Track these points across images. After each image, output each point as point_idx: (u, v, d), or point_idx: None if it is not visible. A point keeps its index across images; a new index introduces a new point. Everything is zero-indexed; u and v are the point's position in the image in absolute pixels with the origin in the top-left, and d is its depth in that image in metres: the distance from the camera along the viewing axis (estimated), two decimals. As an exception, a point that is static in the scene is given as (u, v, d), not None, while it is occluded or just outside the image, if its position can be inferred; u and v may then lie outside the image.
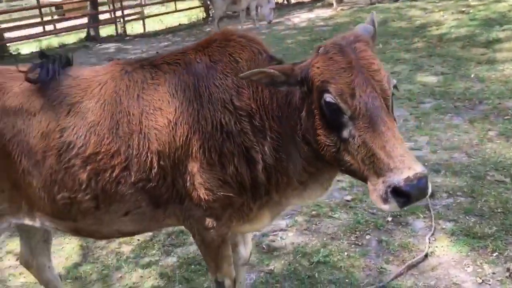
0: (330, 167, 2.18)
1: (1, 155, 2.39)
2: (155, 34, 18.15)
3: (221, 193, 2.33)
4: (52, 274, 3.23)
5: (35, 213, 2.53)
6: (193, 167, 2.30)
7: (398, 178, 1.72)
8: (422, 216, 4.17)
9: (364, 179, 1.89)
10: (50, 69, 2.45)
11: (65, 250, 4.36)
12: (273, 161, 2.30)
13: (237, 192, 2.36)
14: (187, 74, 2.34)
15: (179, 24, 19.63)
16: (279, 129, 2.25)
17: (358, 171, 1.90)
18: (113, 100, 2.36)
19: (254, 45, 2.36)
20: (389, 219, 4.17)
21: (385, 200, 1.77)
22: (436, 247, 3.76)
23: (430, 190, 1.79)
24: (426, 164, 5.03)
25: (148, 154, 2.31)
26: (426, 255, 3.66)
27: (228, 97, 2.27)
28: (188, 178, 2.34)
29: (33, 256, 3.12)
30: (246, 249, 3.02)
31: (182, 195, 2.41)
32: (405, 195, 1.73)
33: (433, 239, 3.85)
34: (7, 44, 16.83)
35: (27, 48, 17.65)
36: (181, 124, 2.28)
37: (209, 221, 2.45)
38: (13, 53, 16.45)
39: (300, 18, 16.83)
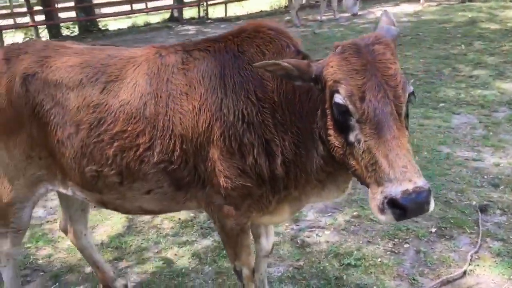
0: (346, 169, 2.11)
1: (40, 124, 2.54)
2: (236, 19, 18.34)
3: (240, 182, 2.33)
4: (88, 241, 3.40)
5: (67, 182, 2.68)
6: (214, 154, 2.32)
7: (396, 189, 1.65)
8: (469, 231, 3.92)
9: (367, 186, 1.83)
10: None
11: (112, 220, 4.59)
12: (292, 156, 2.27)
13: (256, 183, 2.35)
14: (215, 62, 2.34)
15: (260, 11, 19.68)
16: (299, 125, 2.21)
17: (361, 177, 1.85)
18: (144, 81, 2.42)
19: (283, 39, 2.32)
20: (433, 230, 3.96)
21: (382, 211, 1.71)
22: (477, 265, 3.52)
23: (432, 206, 1.70)
24: (484, 176, 4.73)
25: (172, 137, 2.36)
26: (464, 273, 3.45)
27: (252, 88, 2.26)
28: (209, 164, 2.36)
29: (71, 222, 3.31)
30: (267, 241, 3.01)
31: (204, 180, 2.44)
32: (402, 208, 1.65)
33: (476, 256, 3.61)
34: (97, 20, 17.81)
35: (114, 25, 18.57)
36: (204, 111, 2.30)
37: (228, 209, 2.47)
38: (102, 28, 17.39)
39: (384, 12, 16.24)
